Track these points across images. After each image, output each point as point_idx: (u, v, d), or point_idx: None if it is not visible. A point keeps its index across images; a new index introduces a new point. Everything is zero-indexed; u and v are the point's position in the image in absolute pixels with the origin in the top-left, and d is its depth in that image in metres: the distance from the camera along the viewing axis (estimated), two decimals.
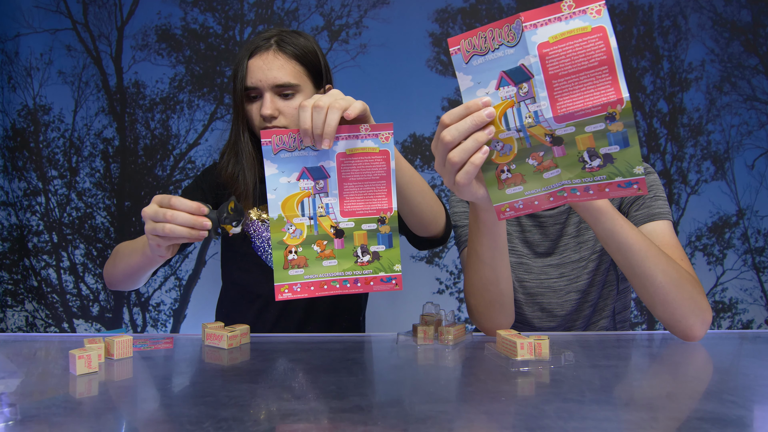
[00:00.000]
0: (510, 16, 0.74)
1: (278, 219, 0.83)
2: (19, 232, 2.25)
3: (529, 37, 0.72)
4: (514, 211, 0.79)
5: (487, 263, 0.96)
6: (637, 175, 0.72)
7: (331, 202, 0.83)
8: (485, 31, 0.75)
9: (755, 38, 2.21)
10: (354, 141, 0.82)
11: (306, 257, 0.83)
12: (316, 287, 0.83)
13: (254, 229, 1.25)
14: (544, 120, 0.74)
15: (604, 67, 0.70)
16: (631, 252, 0.90)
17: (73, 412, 0.63)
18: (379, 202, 0.83)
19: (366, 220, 0.83)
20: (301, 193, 0.83)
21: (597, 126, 0.72)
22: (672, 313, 0.92)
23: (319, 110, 0.81)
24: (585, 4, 0.71)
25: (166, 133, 2.27)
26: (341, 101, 0.82)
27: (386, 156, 0.83)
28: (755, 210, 2.23)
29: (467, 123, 0.75)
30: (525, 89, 0.74)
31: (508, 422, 0.58)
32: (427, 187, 1.03)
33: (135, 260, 1.06)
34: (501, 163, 0.78)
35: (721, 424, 0.55)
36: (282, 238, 0.83)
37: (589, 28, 0.71)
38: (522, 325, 1.23)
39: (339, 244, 0.83)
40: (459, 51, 0.77)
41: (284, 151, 0.83)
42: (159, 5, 2.24)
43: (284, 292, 0.82)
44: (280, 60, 1.15)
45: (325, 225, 0.83)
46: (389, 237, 0.83)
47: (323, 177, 0.83)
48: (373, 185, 0.83)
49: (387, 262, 0.83)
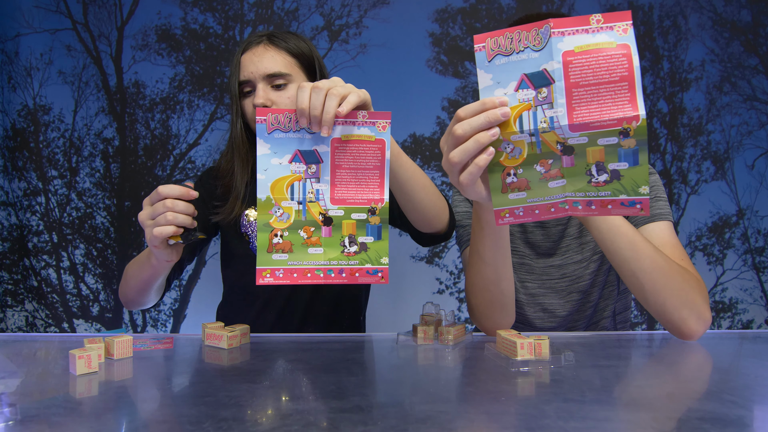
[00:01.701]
0: (532, 20, 0.75)
1: (266, 200, 0.81)
2: (19, 232, 2.25)
3: (556, 43, 0.72)
4: (514, 218, 0.78)
5: (489, 263, 0.95)
6: (642, 195, 0.72)
7: (321, 188, 0.81)
8: (512, 32, 0.75)
9: (755, 38, 2.21)
10: (350, 127, 0.81)
11: (291, 242, 0.81)
12: (300, 275, 0.81)
13: (252, 230, 1.25)
14: (558, 127, 0.73)
15: (625, 83, 0.71)
16: (618, 235, 0.91)
17: (73, 412, 0.63)
18: (371, 192, 0.82)
19: (356, 209, 0.82)
20: (291, 176, 0.81)
21: (610, 140, 0.72)
22: (663, 303, 0.92)
23: (318, 91, 0.80)
24: (613, 21, 0.72)
25: (166, 133, 2.27)
26: (340, 88, 0.81)
27: (382, 145, 0.81)
28: (755, 210, 2.23)
29: (480, 119, 0.74)
30: (544, 94, 0.74)
31: (508, 422, 0.58)
32: (429, 182, 1.02)
33: (144, 273, 1.05)
34: (508, 166, 0.77)
35: (721, 424, 0.55)
36: (268, 221, 0.81)
37: (615, 44, 0.71)
38: (523, 326, 1.23)
39: (326, 232, 0.81)
40: (483, 48, 0.77)
41: (278, 131, 0.81)
42: (159, 5, 2.24)
43: (266, 276, 0.80)
44: (271, 51, 1.16)
45: (314, 211, 0.81)
46: (378, 229, 0.82)
47: (316, 162, 0.81)
48: (367, 174, 0.81)
49: (374, 254, 0.82)
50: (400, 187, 0.97)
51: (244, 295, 1.29)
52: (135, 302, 1.16)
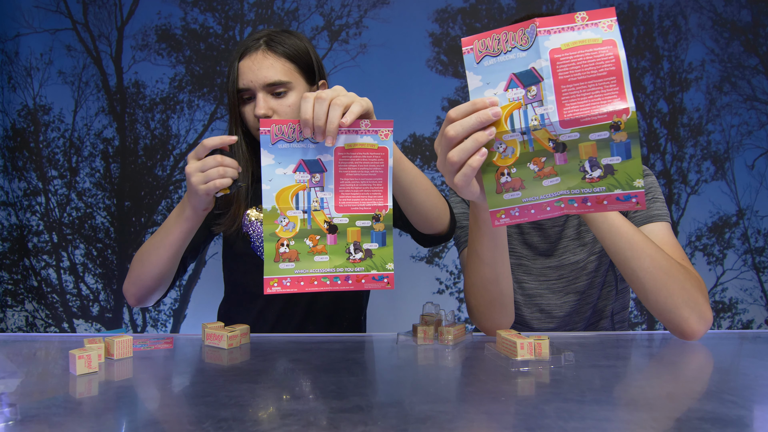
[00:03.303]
0: (521, 21, 0.75)
1: (272, 210, 0.82)
2: (19, 232, 2.25)
3: (542, 42, 0.73)
4: (510, 218, 0.78)
5: (487, 263, 0.95)
6: (637, 188, 0.72)
7: (326, 197, 0.82)
8: (500, 33, 0.76)
9: (755, 38, 2.21)
10: (353, 136, 0.82)
11: (297, 251, 0.82)
12: (306, 282, 0.82)
13: (253, 230, 1.25)
14: (549, 124, 0.74)
15: (612, 77, 0.71)
16: (619, 235, 0.92)
17: (73, 412, 0.63)
18: (374, 200, 0.82)
19: (360, 216, 0.82)
20: (296, 186, 0.82)
21: (601, 134, 0.72)
22: (664, 302, 0.92)
23: (322, 101, 0.80)
24: (597, 18, 0.72)
25: (166, 133, 2.27)
26: (344, 98, 0.81)
27: (384, 153, 0.82)
28: (755, 210, 2.23)
29: (472, 120, 0.74)
30: (533, 92, 0.74)
31: (508, 422, 0.58)
32: (430, 185, 1.02)
33: (172, 236, 1.06)
34: (502, 166, 0.78)
35: (721, 424, 0.55)
36: (274, 230, 0.81)
37: (600, 40, 0.72)
38: (521, 326, 1.22)
39: (332, 239, 0.82)
40: (471, 51, 0.77)
41: (282, 141, 0.81)
42: (159, 5, 2.24)
43: (273, 285, 0.81)
44: (269, 59, 1.15)
45: (319, 219, 0.82)
46: (383, 235, 0.82)
47: (320, 171, 0.82)
48: (370, 182, 0.82)
49: (380, 260, 0.82)
50: (402, 191, 0.97)
51: (245, 294, 1.30)
52: (147, 288, 1.13)
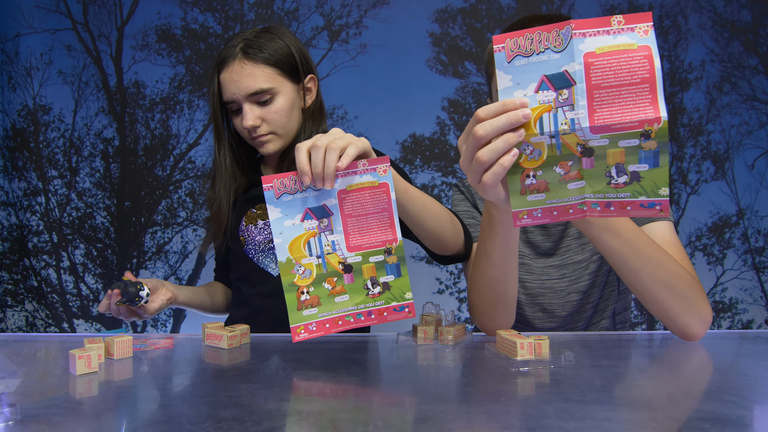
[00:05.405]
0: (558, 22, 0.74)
1: (287, 262, 0.83)
2: (19, 232, 2.25)
3: (577, 44, 0.72)
4: (532, 219, 0.78)
5: (496, 263, 0.95)
6: (662, 196, 0.72)
7: (336, 239, 0.83)
8: (533, 33, 0.74)
9: (755, 38, 2.21)
10: (353, 177, 0.83)
11: (318, 296, 0.83)
12: (331, 324, 0.83)
13: (248, 234, 1.26)
14: (579, 129, 0.73)
15: (646, 84, 0.71)
16: (615, 256, 0.91)
17: (73, 412, 0.63)
18: (383, 234, 0.83)
19: (373, 252, 0.83)
20: (306, 234, 0.83)
21: (631, 142, 0.72)
22: (666, 312, 0.92)
23: (317, 150, 0.80)
24: (634, 22, 0.71)
25: (166, 133, 2.27)
26: (339, 141, 0.81)
27: (386, 188, 0.83)
28: (755, 210, 2.23)
29: (502, 120, 0.73)
30: (565, 95, 0.74)
31: (508, 422, 0.58)
32: (440, 209, 1.02)
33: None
34: (528, 168, 0.77)
35: (721, 424, 0.55)
36: (293, 280, 0.83)
37: (636, 45, 0.71)
38: (523, 326, 1.22)
39: (349, 279, 0.83)
40: (503, 49, 0.76)
41: (286, 194, 0.83)
42: (159, 5, 2.24)
43: (300, 332, 0.83)
44: (248, 68, 1.13)
45: (333, 262, 0.83)
46: (397, 266, 0.84)
47: (326, 215, 0.83)
48: (376, 218, 0.83)
49: (398, 291, 0.83)
50: (412, 219, 0.97)
51: (241, 295, 1.30)
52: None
